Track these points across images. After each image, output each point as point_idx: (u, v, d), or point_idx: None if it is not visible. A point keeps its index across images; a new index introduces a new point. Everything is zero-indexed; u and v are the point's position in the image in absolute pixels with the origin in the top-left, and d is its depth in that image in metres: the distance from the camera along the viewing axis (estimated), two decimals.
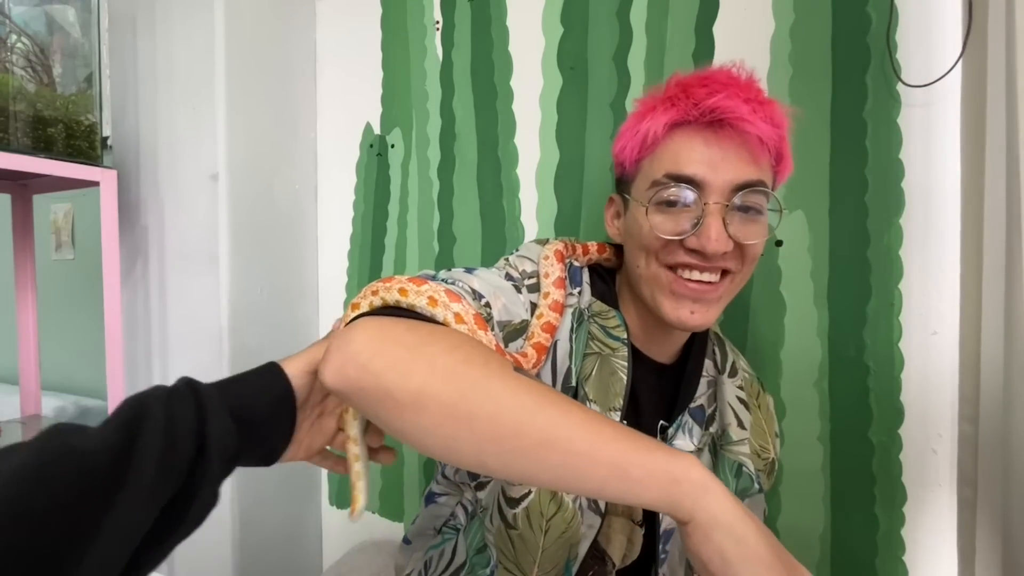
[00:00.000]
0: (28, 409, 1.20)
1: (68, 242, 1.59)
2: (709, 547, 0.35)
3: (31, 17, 0.95)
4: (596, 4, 0.95)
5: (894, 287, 0.77)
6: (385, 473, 1.19)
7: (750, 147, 0.54)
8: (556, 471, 0.37)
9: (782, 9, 0.82)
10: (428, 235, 1.13)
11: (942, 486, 0.76)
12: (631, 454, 0.37)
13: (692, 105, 0.55)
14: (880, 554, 0.79)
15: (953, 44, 0.72)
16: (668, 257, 0.57)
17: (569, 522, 0.59)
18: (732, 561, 0.34)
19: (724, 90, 0.54)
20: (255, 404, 0.43)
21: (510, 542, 0.61)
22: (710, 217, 0.54)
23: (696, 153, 0.55)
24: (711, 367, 0.70)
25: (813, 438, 0.83)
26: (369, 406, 0.41)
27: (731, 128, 0.53)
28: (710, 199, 0.54)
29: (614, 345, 0.61)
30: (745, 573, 0.34)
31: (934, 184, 0.75)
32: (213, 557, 1.11)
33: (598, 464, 0.36)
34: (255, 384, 0.44)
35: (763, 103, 0.55)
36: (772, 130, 0.54)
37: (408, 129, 1.14)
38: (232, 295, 1.06)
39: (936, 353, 0.75)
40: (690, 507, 0.36)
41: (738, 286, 0.60)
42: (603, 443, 0.37)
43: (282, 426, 0.46)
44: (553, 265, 0.61)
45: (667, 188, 0.55)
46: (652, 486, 0.36)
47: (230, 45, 1.05)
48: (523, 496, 0.59)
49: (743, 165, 0.54)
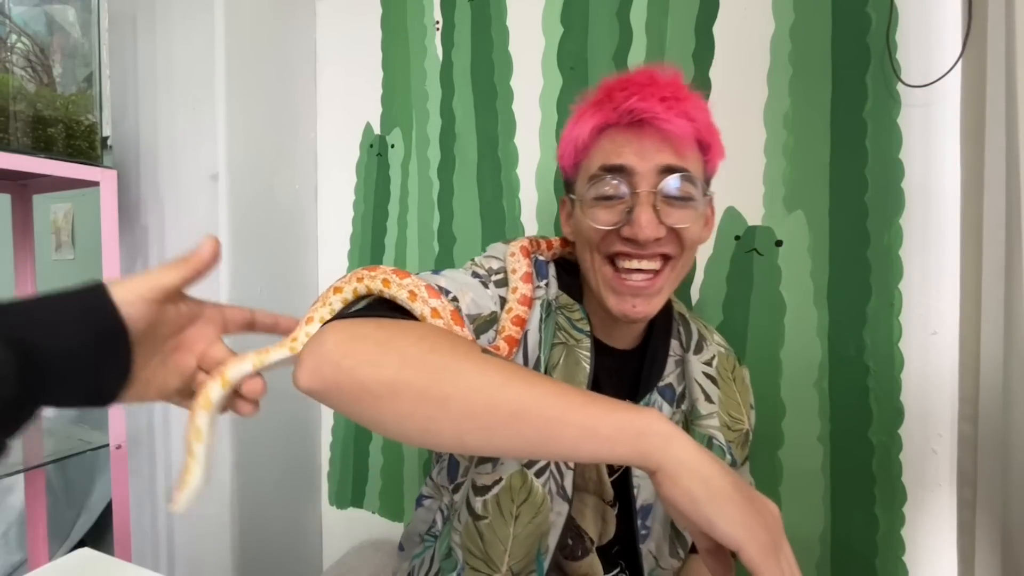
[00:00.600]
0: None
1: (68, 242, 1.59)
2: (678, 490, 0.37)
3: (31, 17, 0.95)
4: (596, 4, 0.95)
5: (894, 287, 0.77)
6: (385, 473, 1.20)
7: (671, 141, 0.58)
8: (531, 439, 0.40)
9: (782, 9, 0.82)
10: (428, 235, 1.13)
11: (942, 486, 0.76)
12: (598, 415, 0.39)
13: (612, 109, 0.59)
14: (880, 554, 0.79)
15: (953, 44, 0.72)
16: (608, 247, 0.60)
17: (539, 507, 0.61)
18: (700, 500, 0.36)
19: (641, 91, 0.58)
20: (58, 333, 0.34)
21: (478, 536, 0.62)
22: (640, 206, 0.57)
23: (623, 147, 0.59)
24: (677, 347, 0.71)
25: (813, 438, 0.83)
26: (346, 403, 0.42)
27: (650, 126, 0.57)
28: (640, 187, 0.58)
29: (578, 337, 0.65)
30: (712, 509, 0.36)
31: (934, 184, 0.75)
32: (213, 557, 1.11)
33: (569, 427, 0.39)
34: (63, 308, 0.35)
35: (680, 99, 0.58)
36: (687, 124, 0.57)
37: (408, 129, 1.14)
38: (232, 295, 1.06)
39: (936, 353, 0.75)
40: (658, 456, 0.38)
41: (679, 274, 0.63)
42: (571, 408, 0.39)
43: (109, 362, 0.38)
44: (520, 261, 0.64)
45: (601, 180, 0.60)
46: (621, 442, 0.39)
47: (230, 45, 1.05)
48: (494, 483, 0.61)
49: (667, 153, 0.58)
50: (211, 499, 1.10)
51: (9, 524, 1.32)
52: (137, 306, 0.38)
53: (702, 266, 0.89)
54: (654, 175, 0.58)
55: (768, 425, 0.85)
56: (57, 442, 1.12)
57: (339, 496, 1.26)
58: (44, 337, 0.33)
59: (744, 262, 0.86)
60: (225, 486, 1.08)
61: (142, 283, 0.39)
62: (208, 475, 0.46)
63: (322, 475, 1.28)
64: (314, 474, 1.27)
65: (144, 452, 1.18)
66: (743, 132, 0.85)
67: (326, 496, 1.28)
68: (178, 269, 0.41)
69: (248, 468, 1.11)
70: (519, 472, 0.62)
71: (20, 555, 1.31)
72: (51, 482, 1.34)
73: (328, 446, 1.27)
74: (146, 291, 0.39)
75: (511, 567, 0.62)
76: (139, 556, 1.19)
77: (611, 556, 0.69)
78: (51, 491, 1.34)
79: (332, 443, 1.26)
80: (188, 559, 1.16)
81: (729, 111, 0.87)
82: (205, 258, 0.42)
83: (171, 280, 0.41)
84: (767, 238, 0.84)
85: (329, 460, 1.27)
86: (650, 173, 0.57)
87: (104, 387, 0.38)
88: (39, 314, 0.34)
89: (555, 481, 0.62)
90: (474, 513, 0.63)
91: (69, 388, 0.36)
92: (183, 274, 0.41)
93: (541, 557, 0.62)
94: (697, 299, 0.90)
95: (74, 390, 0.36)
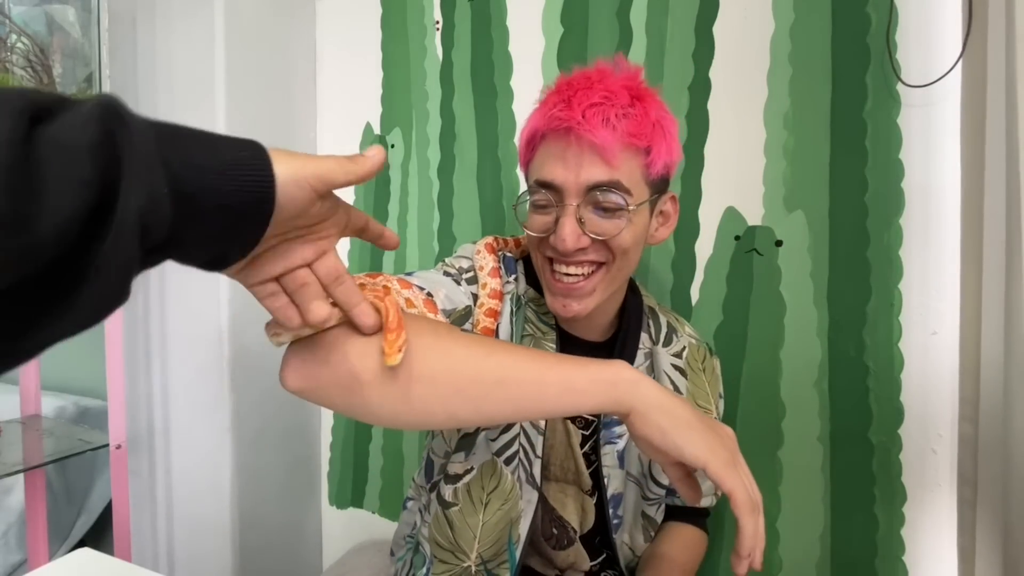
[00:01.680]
0: (28, 409, 1.20)
1: None
2: (649, 426, 0.43)
3: (31, 17, 0.95)
4: (596, 4, 0.95)
5: (894, 287, 0.77)
6: (385, 473, 1.20)
7: (599, 150, 0.57)
8: (516, 401, 0.44)
9: (782, 9, 0.82)
10: (428, 235, 1.13)
11: (942, 486, 0.76)
12: (573, 371, 0.44)
13: (543, 115, 0.61)
14: (880, 554, 0.79)
15: (953, 44, 0.72)
16: (543, 249, 0.63)
17: (507, 495, 0.63)
18: (668, 430, 0.42)
19: (572, 98, 0.58)
20: (216, 193, 0.31)
21: (448, 525, 0.65)
22: (564, 218, 0.59)
23: (554, 159, 0.60)
24: (647, 339, 0.72)
25: (813, 438, 0.83)
26: (336, 396, 0.43)
27: (575, 134, 0.57)
28: (566, 200, 0.59)
29: (544, 329, 0.68)
30: (679, 436, 0.42)
31: (934, 184, 0.75)
32: (213, 557, 1.11)
33: (548, 385, 0.44)
34: (228, 166, 0.32)
35: (610, 105, 0.57)
36: (608, 134, 0.56)
37: (408, 129, 1.14)
38: (232, 296, 1.06)
39: (936, 353, 0.75)
40: (629, 400, 0.43)
41: (616, 275, 0.63)
42: (548, 369, 0.44)
43: (244, 234, 0.34)
44: (486, 258, 0.66)
45: (536, 193, 0.62)
46: (595, 392, 0.44)
47: (230, 45, 1.05)
48: (465, 472, 0.65)
49: (596, 167, 0.58)
50: (211, 499, 1.10)
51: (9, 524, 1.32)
52: (293, 191, 0.35)
53: (702, 266, 0.89)
54: (581, 192, 0.58)
55: (768, 425, 0.85)
56: (57, 442, 1.12)
57: (339, 496, 1.26)
58: (202, 193, 0.30)
59: (744, 262, 0.86)
60: (225, 486, 1.08)
61: (308, 169, 0.35)
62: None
63: (322, 475, 1.28)
64: (314, 474, 1.27)
65: (144, 452, 1.18)
66: (743, 132, 0.85)
67: (326, 496, 1.28)
68: (344, 168, 0.37)
69: (248, 468, 1.11)
70: (490, 461, 0.64)
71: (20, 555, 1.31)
72: (51, 482, 1.34)
73: (328, 446, 1.27)
74: (312, 180, 0.36)
75: (480, 554, 0.64)
76: (139, 556, 1.19)
77: (595, 545, 0.70)
78: (51, 491, 1.34)
79: (332, 443, 1.26)
80: (188, 559, 1.16)
81: (729, 111, 0.87)
82: (372, 167, 0.38)
83: (337, 178, 0.37)
84: (767, 238, 0.84)
85: (329, 460, 1.27)
86: (577, 189, 0.58)
87: (228, 256, 0.35)
88: (204, 161, 0.31)
89: (524, 469, 0.64)
90: (444, 501, 0.65)
91: (201, 250, 0.33)
92: (349, 177, 0.37)
93: (513, 546, 0.64)
94: (697, 299, 0.90)
95: (203, 253, 0.34)
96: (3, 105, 0.23)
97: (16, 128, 0.22)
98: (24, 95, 0.24)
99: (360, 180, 0.38)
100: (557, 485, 0.68)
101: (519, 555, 0.64)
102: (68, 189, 0.23)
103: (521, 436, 0.65)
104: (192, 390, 1.12)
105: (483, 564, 0.64)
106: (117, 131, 0.26)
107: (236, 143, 0.33)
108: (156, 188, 0.28)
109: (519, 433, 0.65)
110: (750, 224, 0.86)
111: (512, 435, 0.65)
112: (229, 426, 1.08)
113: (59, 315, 0.26)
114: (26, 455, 1.05)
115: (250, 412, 1.11)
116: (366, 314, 0.42)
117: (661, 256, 0.92)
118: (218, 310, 1.06)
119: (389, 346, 0.41)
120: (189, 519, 1.15)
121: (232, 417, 1.08)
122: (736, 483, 0.41)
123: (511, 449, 0.65)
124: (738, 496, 0.41)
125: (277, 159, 0.34)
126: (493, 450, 0.65)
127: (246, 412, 1.10)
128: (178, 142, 0.30)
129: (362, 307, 0.42)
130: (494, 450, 0.65)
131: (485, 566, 0.64)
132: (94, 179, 0.24)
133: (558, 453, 0.68)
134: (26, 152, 0.22)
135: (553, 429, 0.67)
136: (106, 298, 0.27)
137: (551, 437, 0.67)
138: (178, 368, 1.14)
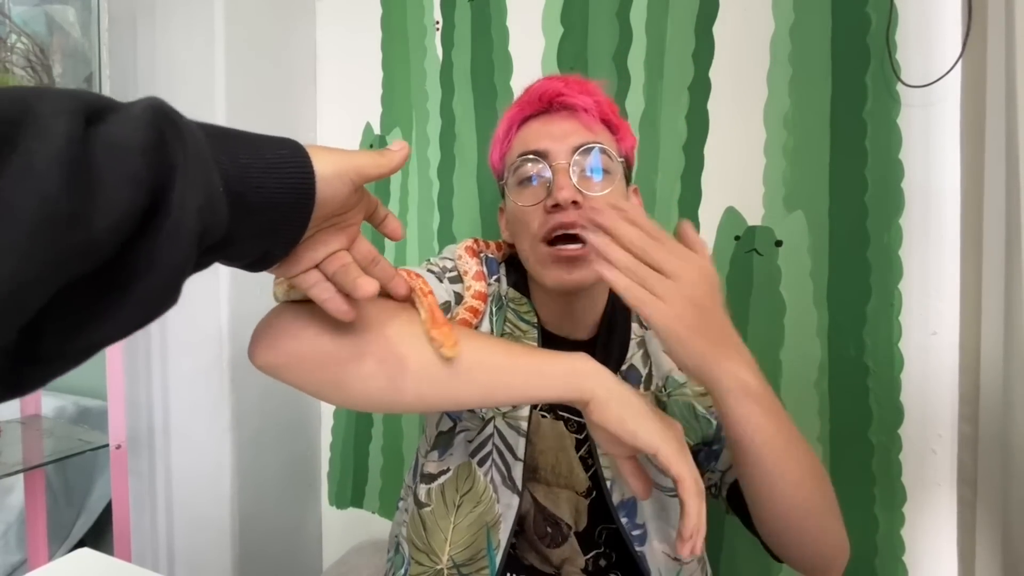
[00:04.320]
0: (28, 409, 1.20)
1: None
2: (608, 413, 0.44)
3: (31, 17, 0.95)
4: (596, 4, 0.95)
5: (894, 287, 0.77)
6: (385, 473, 1.19)
7: (580, 118, 0.64)
8: (487, 386, 0.46)
9: (782, 9, 0.82)
10: (428, 235, 1.13)
11: (942, 486, 0.76)
12: (541, 361, 0.47)
13: (523, 104, 0.67)
14: (880, 554, 0.79)
15: (953, 44, 0.72)
16: (541, 229, 0.62)
17: (480, 497, 0.63)
18: (625, 418, 0.44)
19: (546, 81, 0.66)
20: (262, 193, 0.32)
21: (421, 525, 0.65)
22: (557, 175, 0.61)
23: (538, 133, 0.65)
24: (638, 328, 0.72)
25: (813, 438, 0.83)
26: (308, 372, 0.44)
27: (559, 106, 0.64)
28: (555, 161, 0.62)
29: (524, 328, 0.69)
30: (635, 423, 0.44)
31: (934, 184, 0.75)
32: (213, 557, 1.11)
33: (518, 372, 0.46)
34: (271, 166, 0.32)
35: (580, 82, 0.65)
36: (588, 99, 0.63)
37: (408, 129, 1.14)
38: (232, 296, 1.06)
39: (936, 353, 0.75)
40: (589, 387, 0.45)
41: None
42: (518, 357, 0.47)
43: (286, 231, 0.35)
44: (468, 262, 0.68)
45: (523, 165, 0.64)
46: (559, 379, 0.46)
47: (230, 45, 1.05)
48: (440, 472, 0.66)
49: (579, 133, 0.63)
50: (211, 499, 1.10)
51: (9, 524, 1.32)
52: (336, 185, 0.36)
53: None
54: (569, 153, 0.62)
55: None
56: (57, 442, 1.12)
57: (339, 496, 1.26)
58: (251, 192, 0.31)
59: (744, 262, 0.86)
60: (225, 486, 1.08)
61: (345, 164, 0.36)
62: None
63: (322, 475, 1.28)
64: (314, 474, 1.27)
65: (144, 452, 1.18)
66: (743, 132, 0.85)
67: (326, 496, 1.28)
68: (376, 162, 0.39)
69: (248, 468, 1.11)
70: (466, 463, 0.65)
71: (20, 555, 1.31)
72: (51, 482, 1.34)
73: (328, 446, 1.27)
74: (352, 174, 0.37)
75: (452, 557, 0.63)
76: (139, 556, 1.19)
77: (594, 540, 0.68)
78: (51, 491, 1.34)
79: (332, 443, 1.26)
80: (188, 559, 1.16)
81: (729, 111, 0.87)
82: (400, 160, 0.40)
83: (372, 172, 0.38)
84: (767, 238, 0.85)
85: (329, 460, 1.27)
86: (565, 152, 0.62)
87: (274, 252, 0.36)
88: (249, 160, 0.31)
89: (499, 472, 0.64)
90: (419, 501, 0.66)
91: (250, 248, 0.34)
92: (380, 170, 0.39)
93: (492, 552, 0.63)
94: None
95: (252, 250, 0.35)
96: (58, 104, 0.23)
97: (73, 128, 0.23)
98: (76, 96, 0.24)
99: (389, 173, 0.40)
100: (548, 488, 0.67)
101: (500, 561, 0.62)
102: (123, 187, 0.24)
103: (495, 437, 0.64)
104: (192, 390, 1.12)
105: (456, 568, 0.63)
106: (167, 131, 0.26)
107: (275, 141, 0.34)
108: (213, 188, 0.28)
109: (492, 433, 0.65)
110: (750, 224, 0.86)
111: (486, 435, 0.65)
112: (229, 426, 1.08)
113: (111, 315, 0.26)
114: (26, 455, 1.05)
115: (250, 412, 1.11)
116: (400, 286, 0.46)
117: None
118: (218, 310, 1.06)
119: (446, 338, 0.43)
120: (189, 519, 1.15)
121: (232, 417, 1.08)
122: (684, 469, 0.44)
123: (484, 450, 0.64)
124: (686, 480, 0.44)
125: (316, 155, 0.35)
126: (469, 451, 0.65)
127: (246, 412, 1.10)
128: (225, 142, 0.31)
129: (396, 280, 0.46)
130: (470, 451, 0.65)
131: (459, 570, 0.63)
132: (147, 179, 0.25)
133: (548, 458, 0.67)
134: (83, 151, 0.23)
135: (543, 434, 0.66)
136: (158, 298, 0.27)
137: (539, 441, 0.66)
138: (178, 368, 1.14)
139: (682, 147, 0.90)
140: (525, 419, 0.65)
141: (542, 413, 0.67)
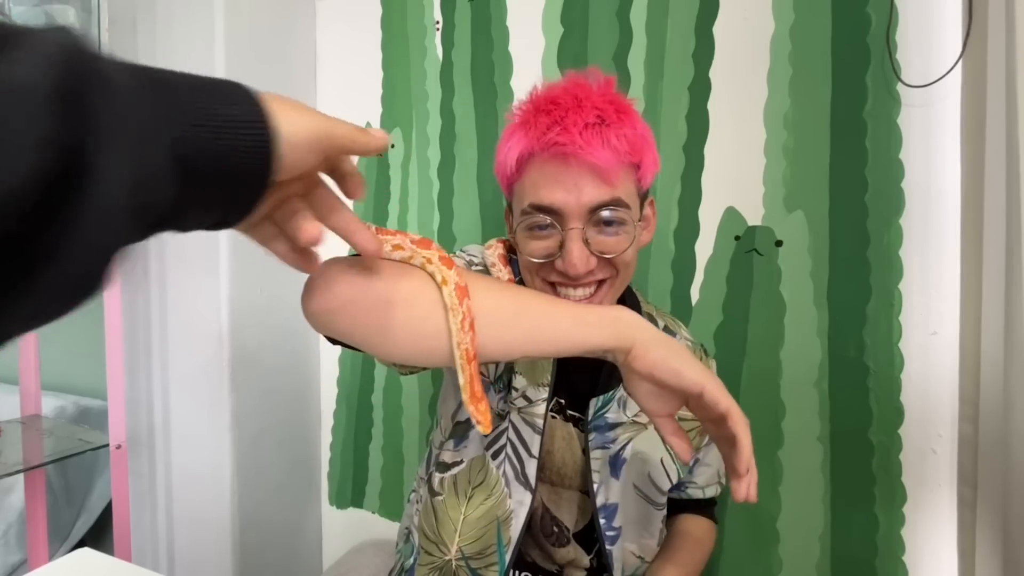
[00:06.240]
0: (28, 409, 1.20)
1: None
2: (651, 357, 0.46)
3: (31, 17, 0.95)
4: (596, 4, 0.95)
5: (894, 287, 0.77)
6: (385, 473, 1.20)
7: (598, 171, 0.56)
8: (533, 331, 0.46)
9: (782, 9, 0.82)
10: (428, 235, 1.13)
11: (942, 486, 0.76)
12: (584, 310, 0.48)
13: (536, 138, 0.58)
14: (880, 554, 0.79)
15: (953, 44, 0.72)
16: (544, 274, 0.61)
17: (491, 490, 0.64)
18: (669, 358, 0.45)
19: (564, 119, 0.56)
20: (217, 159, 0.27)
21: (433, 514, 0.66)
22: (571, 242, 0.57)
23: (551, 181, 0.57)
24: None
25: (813, 438, 0.83)
26: (357, 316, 0.44)
27: (575, 157, 0.56)
28: (569, 224, 0.57)
29: None
30: (679, 363, 0.45)
31: (934, 184, 0.75)
32: (213, 557, 1.11)
33: (562, 318, 0.47)
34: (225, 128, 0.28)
35: (606, 124, 0.56)
36: (609, 155, 0.55)
37: (408, 129, 1.14)
38: (232, 296, 1.06)
39: (936, 353, 0.75)
40: (631, 334, 0.46)
41: (619, 288, 0.62)
42: (560, 305, 0.48)
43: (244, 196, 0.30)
44: (501, 271, 0.67)
45: (532, 217, 0.59)
46: (603, 326, 0.47)
47: (230, 45, 1.05)
48: (454, 463, 0.66)
49: (596, 188, 0.56)
50: (211, 499, 1.10)
51: (9, 524, 1.32)
52: (300, 153, 0.31)
53: (702, 266, 0.89)
54: (584, 213, 0.57)
55: (768, 425, 0.85)
56: (57, 442, 1.12)
57: (339, 496, 1.26)
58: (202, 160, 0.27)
59: (744, 262, 0.86)
60: (225, 486, 1.08)
61: (318, 130, 0.32)
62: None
63: (322, 475, 1.28)
64: (314, 474, 1.27)
65: (144, 452, 1.18)
66: (743, 132, 0.85)
67: (326, 496, 1.28)
68: (354, 137, 0.35)
69: (248, 468, 1.11)
70: (480, 456, 0.65)
71: (20, 555, 1.31)
72: (51, 482, 1.34)
73: (328, 446, 1.27)
74: (325, 144, 0.33)
75: (461, 549, 0.64)
76: (139, 556, 1.19)
77: (591, 541, 0.69)
78: (51, 491, 1.34)
79: (332, 443, 1.26)
80: (188, 559, 1.16)
81: (729, 111, 0.87)
82: (379, 143, 0.37)
83: (348, 146, 0.35)
84: (767, 238, 0.84)
85: (329, 460, 1.27)
86: (580, 211, 0.56)
87: (228, 220, 0.33)
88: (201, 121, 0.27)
89: (513, 466, 0.65)
90: (432, 490, 0.67)
91: (194, 222, 0.30)
92: (357, 147, 0.36)
93: (503, 548, 0.63)
94: (697, 299, 0.90)
95: (196, 225, 0.31)
96: None
97: None
98: None
99: (365, 154, 0.37)
100: (552, 488, 0.68)
101: (510, 558, 0.63)
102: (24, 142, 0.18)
103: (511, 431, 0.65)
104: (192, 390, 1.12)
105: (464, 560, 0.64)
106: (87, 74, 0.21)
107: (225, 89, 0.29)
108: (152, 155, 0.23)
109: (508, 428, 0.65)
110: (750, 224, 0.86)
111: (501, 429, 0.65)
112: (229, 426, 1.08)
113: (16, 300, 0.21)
114: (26, 455, 1.05)
115: (250, 412, 1.11)
116: (368, 239, 0.39)
117: (661, 256, 0.92)
118: (218, 310, 1.06)
119: (483, 416, 0.45)
120: (189, 519, 1.15)
121: (232, 417, 1.08)
122: (731, 402, 0.45)
123: (499, 443, 0.65)
124: (735, 413, 0.45)
125: (282, 112, 0.30)
126: (484, 444, 0.65)
127: (246, 412, 1.10)
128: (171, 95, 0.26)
129: (362, 233, 0.39)
130: (485, 444, 0.65)
131: (467, 562, 0.64)
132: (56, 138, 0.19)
133: (555, 458, 0.67)
134: None
135: (552, 434, 0.67)
136: (78, 284, 0.22)
137: (548, 442, 0.67)
138: (178, 368, 1.14)
139: (682, 147, 0.90)
140: (541, 416, 0.65)
141: (552, 415, 0.67)
